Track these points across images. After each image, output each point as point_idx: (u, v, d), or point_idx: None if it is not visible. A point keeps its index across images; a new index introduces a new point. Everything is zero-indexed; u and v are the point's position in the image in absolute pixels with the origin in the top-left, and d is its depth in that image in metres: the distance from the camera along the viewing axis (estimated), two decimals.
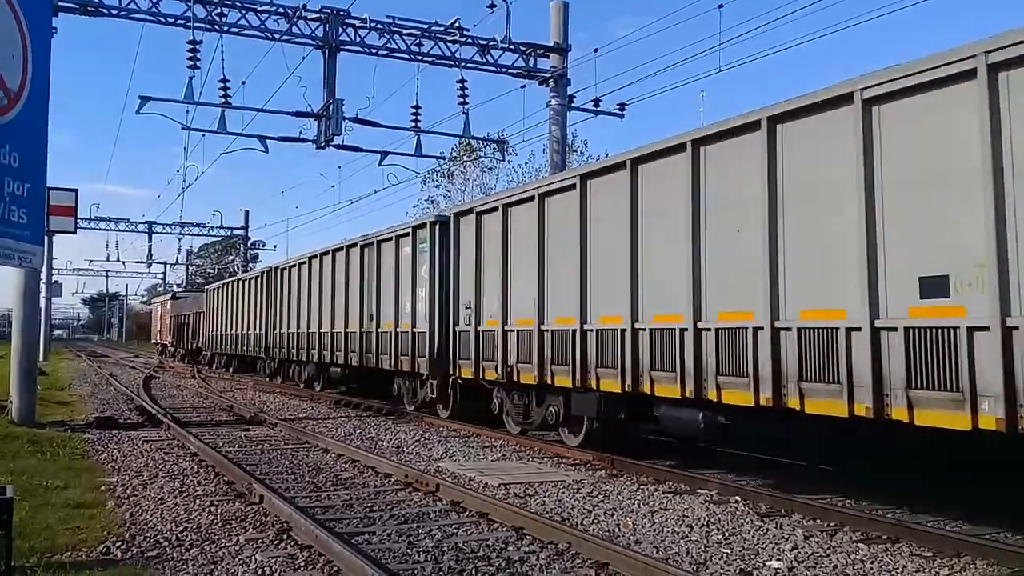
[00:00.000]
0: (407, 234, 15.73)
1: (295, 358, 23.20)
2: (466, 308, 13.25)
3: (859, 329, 6.95)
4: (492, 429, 13.09)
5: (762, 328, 7.84)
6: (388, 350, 16.22)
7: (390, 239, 16.59)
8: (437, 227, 14.57)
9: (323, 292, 20.58)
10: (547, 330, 11.19)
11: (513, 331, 11.97)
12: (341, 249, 19.51)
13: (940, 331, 6.38)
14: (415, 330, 15.10)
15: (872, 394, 6.82)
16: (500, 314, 12.25)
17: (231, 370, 32.39)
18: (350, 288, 18.72)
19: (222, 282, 34.99)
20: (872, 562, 6.10)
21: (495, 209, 12.67)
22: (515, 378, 11.88)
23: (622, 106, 20.97)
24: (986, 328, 6.07)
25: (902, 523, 6.87)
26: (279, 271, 24.91)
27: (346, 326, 18.67)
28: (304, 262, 22.31)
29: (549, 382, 11.10)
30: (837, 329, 7.15)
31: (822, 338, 7.30)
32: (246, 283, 29.36)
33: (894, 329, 6.68)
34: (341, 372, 20.20)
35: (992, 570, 5.89)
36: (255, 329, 27.34)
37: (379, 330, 16.83)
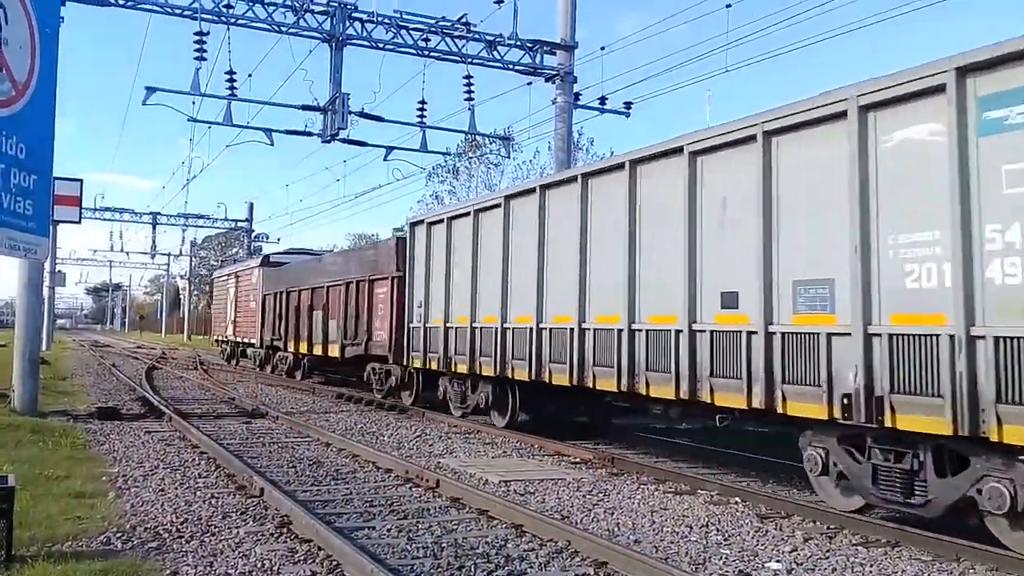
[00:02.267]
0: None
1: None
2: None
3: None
4: (490, 427, 13.13)
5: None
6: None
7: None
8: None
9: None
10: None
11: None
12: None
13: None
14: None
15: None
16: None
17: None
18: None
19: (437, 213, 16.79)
20: (871, 565, 6.10)
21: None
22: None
23: (628, 104, 20.95)
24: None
25: (902, 528, 6.86)
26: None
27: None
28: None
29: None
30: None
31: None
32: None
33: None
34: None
35: (991, 575, 5.89)
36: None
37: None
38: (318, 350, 21.00)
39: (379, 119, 19.56)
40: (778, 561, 6.18)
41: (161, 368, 29.31)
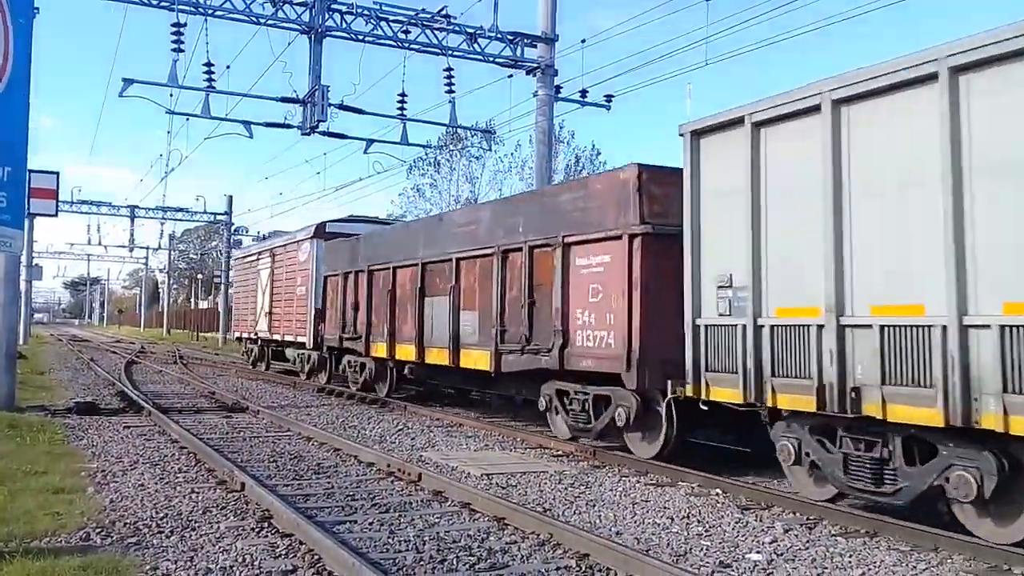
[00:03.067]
0: None
1: None
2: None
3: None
4: (475, 420, 13.12)
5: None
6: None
7: None
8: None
9: None
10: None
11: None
12: None
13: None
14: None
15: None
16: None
17: None
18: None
19: None
20: (850, 556, 6.15)
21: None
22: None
23: (609, 97, 20.99)
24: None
25: (880, 518, 6.93)
26: None
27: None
28: None
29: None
30: None
31: None
32: None
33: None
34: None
35: (969, 565, 5.96)
36: None
37: None
38: (437, 356, 13.86)
39: (359, 111, 19.47)
40: (758, 552, 6.22)
41: (140, 363, 29.07)
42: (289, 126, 18.89)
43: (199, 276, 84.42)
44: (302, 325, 21.05)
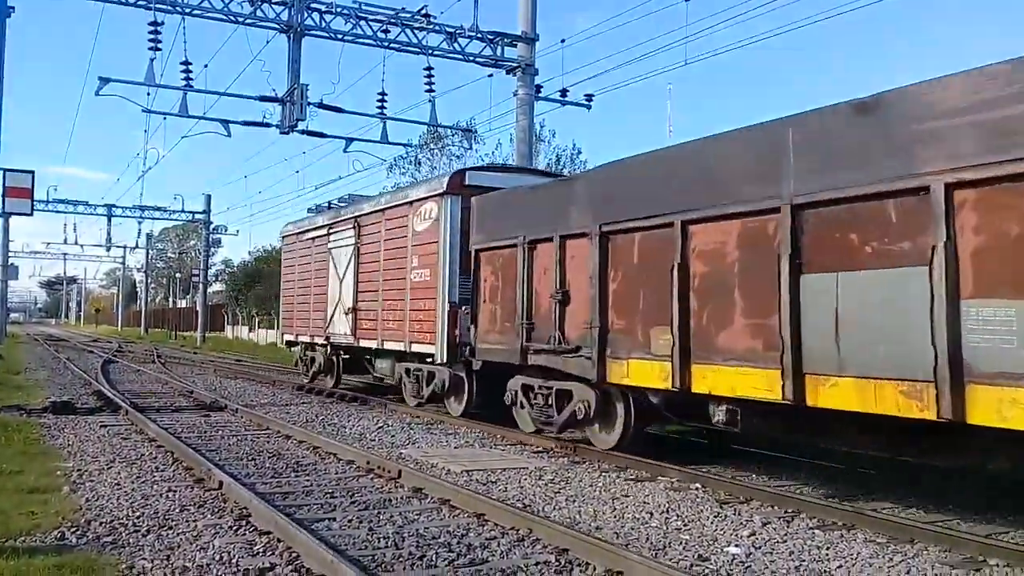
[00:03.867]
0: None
1: None
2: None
3: None
4: (455, 417, 13.11)
5: None
6: None
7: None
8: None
9: None
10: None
11: None
12: None
13: None
14: None
15: None
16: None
17: None
18: None
19: None
20: (828, 548, 6.20)
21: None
22: None
23: (589, 97, 21.06)
24: None
25: (858, 510, 6.99)
26: None
27: None
28: None
29: None
30: None
31: None
32: None
33: None
34: None
35: (945, 556, 6.02)
36: None
37: None
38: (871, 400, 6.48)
39: (339, 110, 19.42)
40: (737, 545, 6.25)
41: (118, 362, 28.81)
42: (268, 125, 18.82)
43: (177, 275, 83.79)
44: (422, 327, 13.93)
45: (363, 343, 16.28)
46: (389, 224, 15.49)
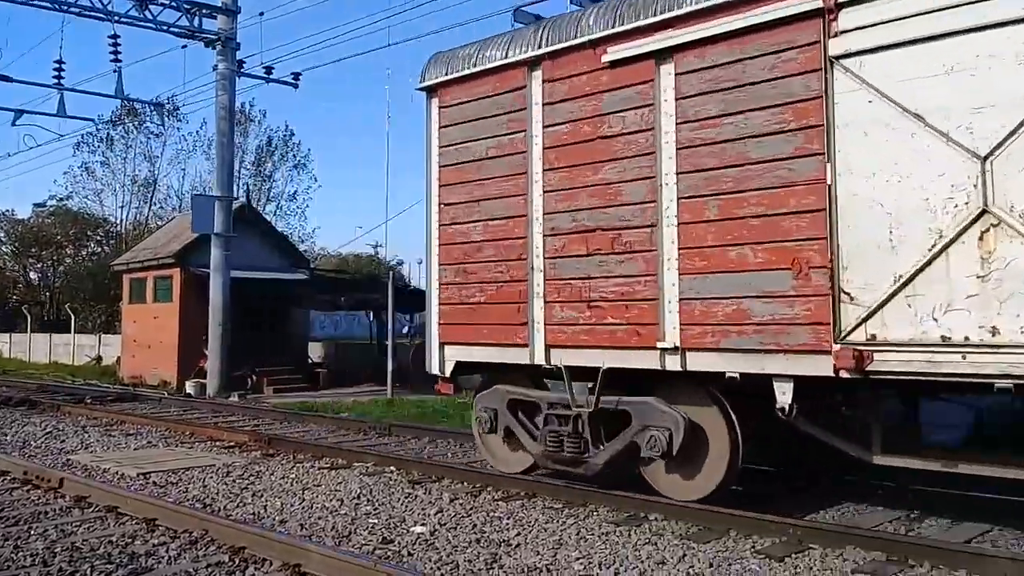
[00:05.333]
0: None
1: None
2: None
3: None
4: (139, 416, 12.07)
5: None
6: None
7: None
8: None
9: None
10: None
11: None
12: None
13: None
14: None
15: None
16: None
17: None
18: None
19: None
20: (508, 518, 6.40)
21: None
22: None
23: (296, 75, 20.34)
24: None
25: (539, 480, 7.30)
26: None
27: None
28: None
29: None
30: None
31: None
32: None
33: None
34: None
35: (612, 516, 6.44)
36: None
37: None
38: None
39: (6, 79, 17.52)
40: (423, 524, 6.26)
41: None
42: None
43: None
44: None
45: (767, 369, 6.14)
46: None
